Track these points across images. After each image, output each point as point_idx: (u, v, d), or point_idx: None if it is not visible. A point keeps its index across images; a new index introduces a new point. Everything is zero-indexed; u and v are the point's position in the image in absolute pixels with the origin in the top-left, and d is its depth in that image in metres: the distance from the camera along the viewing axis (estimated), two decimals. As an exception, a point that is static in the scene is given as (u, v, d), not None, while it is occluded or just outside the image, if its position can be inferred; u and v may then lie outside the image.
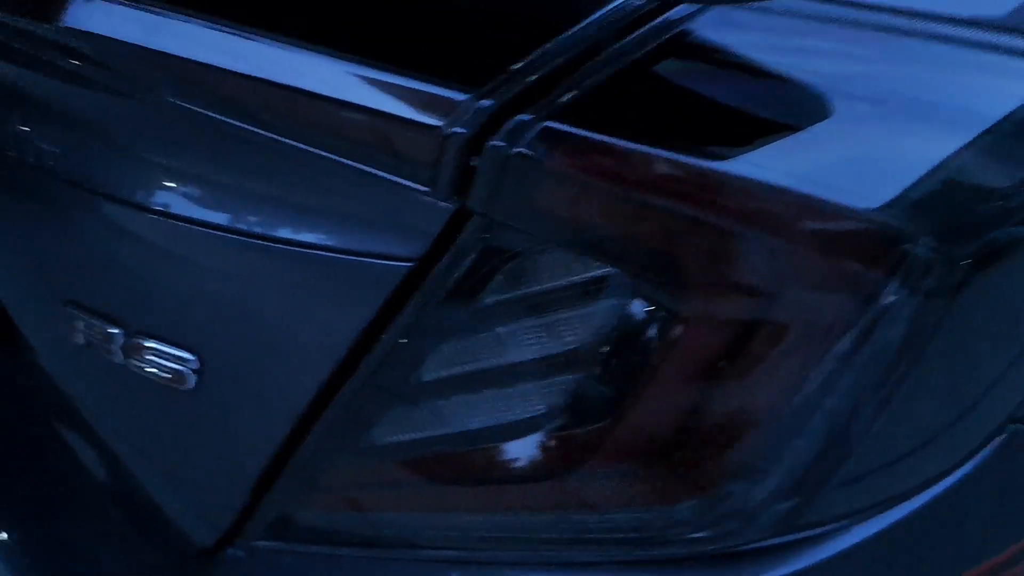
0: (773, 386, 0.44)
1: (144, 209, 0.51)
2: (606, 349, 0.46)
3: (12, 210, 0.59)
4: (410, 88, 0.42)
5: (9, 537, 0.80)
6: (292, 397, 0.52)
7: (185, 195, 0.51)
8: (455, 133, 0.41)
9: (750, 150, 0.42)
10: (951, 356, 0.46)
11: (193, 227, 0.50)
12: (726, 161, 0.41)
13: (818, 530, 0.51)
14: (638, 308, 0.45)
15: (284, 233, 0.48)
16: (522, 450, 0.51)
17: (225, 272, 0.50)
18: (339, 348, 0.49)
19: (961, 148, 0.43)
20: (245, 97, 0.45)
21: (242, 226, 0.49)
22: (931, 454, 0.51)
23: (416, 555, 0.57)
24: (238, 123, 0.46)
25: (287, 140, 0.45)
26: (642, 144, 0.41)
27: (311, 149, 0.45)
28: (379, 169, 0.44)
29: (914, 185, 0.42)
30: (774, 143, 0.42)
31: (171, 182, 0.51)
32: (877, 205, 0.41)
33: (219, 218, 0.49)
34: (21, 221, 0.59)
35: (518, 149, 0.41)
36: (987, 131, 0.43)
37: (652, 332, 0.44)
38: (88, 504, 0.78)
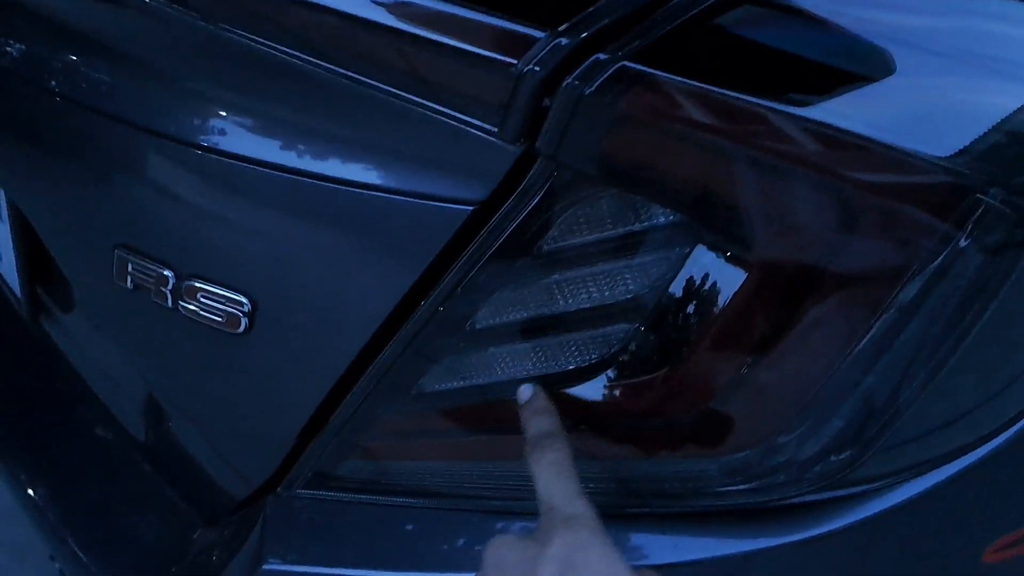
0: (835, 337, 0.44)
1: (200, 148, 0.51)
2: (667, 297, 0.46)
3: (61, 151, 0.59)
4: (484, 24, 0.42)
5: (37, 493, 0.80)
6: (345, 341, 0.52)
7: (242, 133, 0.50)
8: (530, 71, 0.41)
9: (824, 98, 0.42)
10: (1014, 315, 0.46)
11: (249, 166, 0.50)
12: (801, 108, 0.41)
13: (867, 487, 0.51)
14: (703, 256, 0.45)
15: (343, 174, 0.48)
16: (574, 400, 0.51)
17: (282, 213, 0.50)
18: (396, 292, 0.49)
19: (1030, 102, 0.43)
20: (307, 29, 0.45)
21: (301, 166, 0.49)
22: (983, 415, 0.51)
23: (456, 504, 0.58)
24: (300, 57, 0.46)
25: (351, 75, 0.45)
26: (717, 88, 0.41)
27: (377, 85, 0.45)
28: (447, 108, 0.44)
29: (984, 136, 0.42)
30: (847, 92, 0.42)
31: (227, 120, 0.51)
32: (947, 154, 0.41)
33: (277, 157, 0.49)
34: (70, 162, 0.59)
35: (593, 89, 0.41)
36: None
37: (718, 281, 0.45)
38: (121, 458, 0.78)
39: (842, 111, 0.42)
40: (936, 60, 0.45)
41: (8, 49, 0.61)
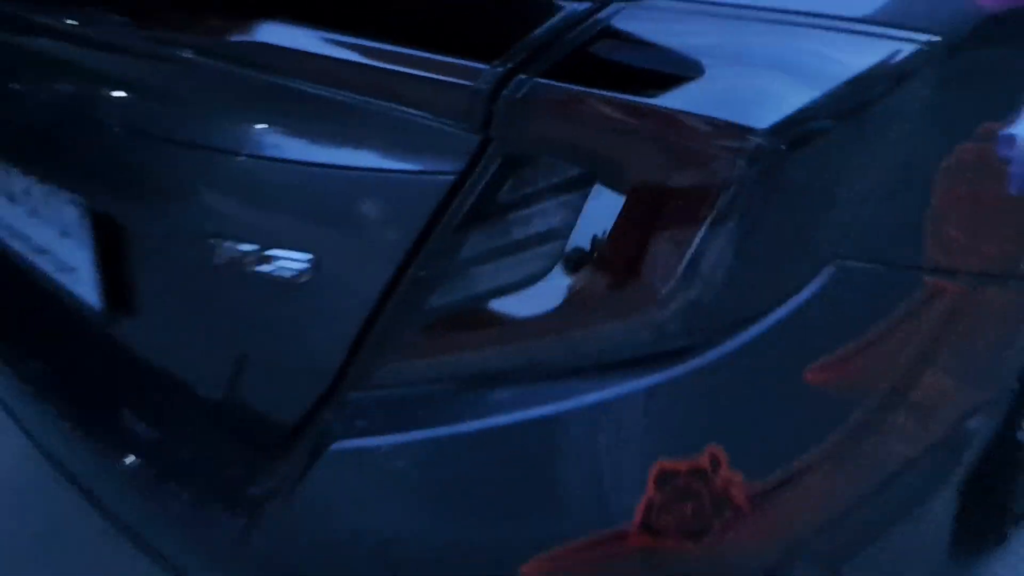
0: (662, 244, 0.73)
1: (269, 159, 0.79)
2: (582, 222, 0.75)
3: (146, 169, 0.86)
4: (452, 63, 0.71)
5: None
6: (378, 276, 0.79)
7: (299, 145, 0.79)
8: (481, 88, 0.70)
9: (658, 88, 0.71)
10: (778, 217, 0.75)
11: (306, 168, 0.78)
12: (640, 96, 0.70)
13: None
14: (603, 195, 0.73)
15: (375, 164, 0.76)
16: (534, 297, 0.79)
17: (329, 197, 0.78)
18: (409, 236, 0.77)
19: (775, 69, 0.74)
20: (350, 76, 0.74)
21: (330, 161, 0.77)
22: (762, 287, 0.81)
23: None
24: (331, 91, 0.75)
25: (373, 100, 0.74)
26: (596, 89, 0.70)
27: (395, 106, 0.73)
28: (435, 116, 0.73)
29: (741, 95, 0.72)
30: (671, 84, 0.72)
31: (289, 138, 0.79)
32: (724, 110, 0.71)
33: (324, 158, 0.77)
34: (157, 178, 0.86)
35: (519, 96, 0.70)
36: (793, 60, 0.74)
37: (612, 209, 0.73)
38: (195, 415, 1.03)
39: (664, 96, 0.71)
40: (725, 60, 0.75)
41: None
